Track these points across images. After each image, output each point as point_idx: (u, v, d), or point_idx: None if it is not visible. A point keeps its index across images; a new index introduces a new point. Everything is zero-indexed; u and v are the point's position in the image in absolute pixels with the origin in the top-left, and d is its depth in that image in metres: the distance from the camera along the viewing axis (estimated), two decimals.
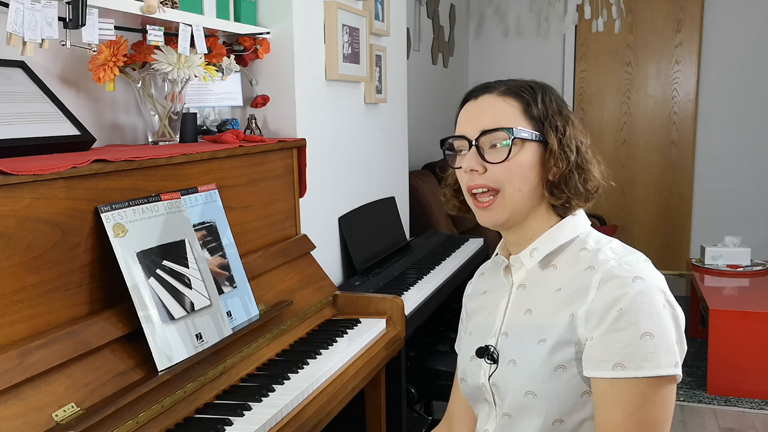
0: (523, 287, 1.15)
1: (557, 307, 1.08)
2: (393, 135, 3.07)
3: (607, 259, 1.06)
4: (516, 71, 5.72)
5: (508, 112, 1.10)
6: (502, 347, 1.13)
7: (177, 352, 1.34)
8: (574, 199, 1.11)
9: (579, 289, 1.06)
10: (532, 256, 1.14)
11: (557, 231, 1.13)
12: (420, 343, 2.73)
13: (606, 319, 1.01)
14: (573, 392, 1.05)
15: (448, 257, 2.92)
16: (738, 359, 3.22)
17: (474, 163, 1.10)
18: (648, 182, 5.40)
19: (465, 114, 1.15)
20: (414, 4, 4.22)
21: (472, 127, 1.11)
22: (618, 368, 0.99)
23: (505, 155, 1.08)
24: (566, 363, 1.05)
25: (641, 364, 0.99)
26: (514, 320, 1.14)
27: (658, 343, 0.99)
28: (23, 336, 1.16)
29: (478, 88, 1.15)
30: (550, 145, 1.09)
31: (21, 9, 1.30)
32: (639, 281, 1.02)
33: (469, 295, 1.32)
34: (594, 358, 1.02)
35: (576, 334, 1.04)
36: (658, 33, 5.23)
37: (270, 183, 1.94)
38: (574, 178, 1.10)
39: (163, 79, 1.79)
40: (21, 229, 1.16)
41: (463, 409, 1.29)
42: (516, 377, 1.09)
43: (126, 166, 1.38)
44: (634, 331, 0.99)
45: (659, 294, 1.03)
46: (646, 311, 1.00)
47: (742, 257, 3.92)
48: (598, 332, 1.01)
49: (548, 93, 1.13)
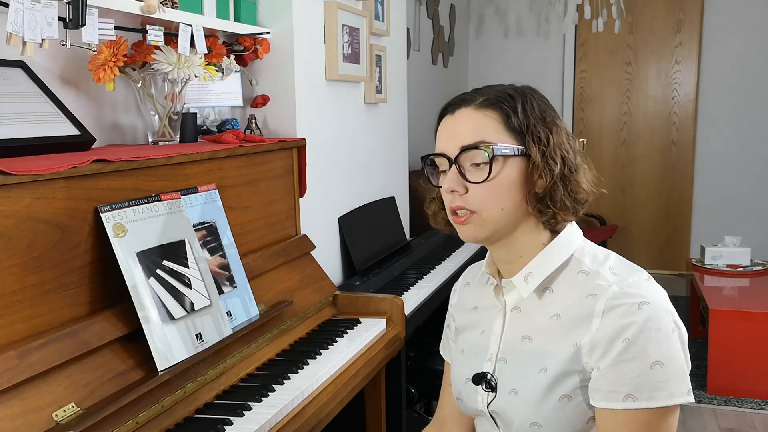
0: (518, 310, 1.10)
1: (558, 335, 1.03)
2: (393, 135, 3.07)
3: (609, 284, 1.01)
4: (516, 71, 5.71)
5: (487, 126, 1.04)
6: (501, 375, 1.10)
7: (177, 352, 1.34)
8: (560, 214, 1.05)
9: (581, 316, 1.01)
10: (528, 282, 1.08)
11: (551, 252, 1.07)
12: (420, 343, 2.73)
13: (612, 349, 0.97)
14: (579, 419, 1.02)
15: (448, 257, 2.92)
16: (738, 359, 3.22)
17: (454, 184, 1.04)
18: (648, 182, 5.40)
19: (443, 130, 1.09)
20: (414, 4, 4.22)
21: (452, 145, 1.05)
22: (629, 399, 0.96)
23: (485, 175, 1.02)
24: (571, 393, 1.02)
25: (653, 395, 0.96)
26: (511, 347, 1.10)
27: (669, 372, 0.96)
28: (23, 336, 1.16)
29: (455, 101, 1.09)
30: (532, 158, 1.03)
31: (21, 9, 1.30)
32: (645, 307, 0.97)
33: (456, 305, 1.27)
34: (602, 389, 0.98)
35: (581, 364, 1.01)
36: (658, 33, 5.23)
37: (270, 183, 1.94)
38: (559, 191, 1.03)
39: (163, 79, 1.79)
40: (21, 229, 1.16)
41: (455, 414, 1.27)
42: (519, 408, 1.06)
43: (126, 166, 1.38)
44: (643, 361, 0.96)
45: (667, 317, 0.99)
46: (655, 339, 0.96)
47: (742, 257, 3.92)
48: (605, 363, 0.98)
49: (529, 99, 1.06)
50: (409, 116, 3.36)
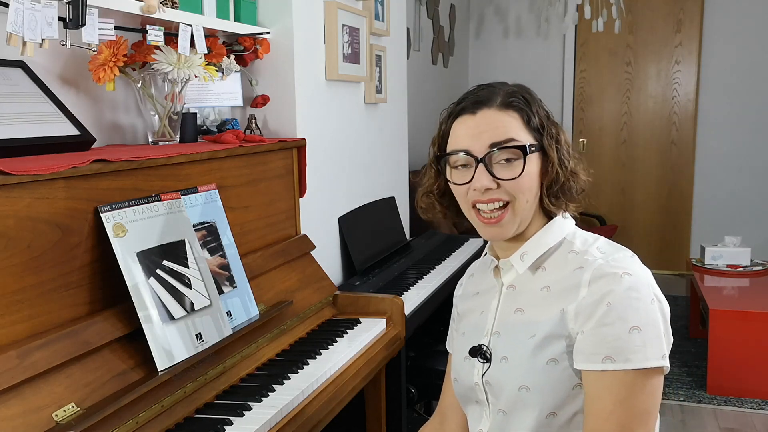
0: (513, 288, 1.18)
1: (547, 303, 1.11)
2: (393, 135, 3.07)
3: (596, 258, 1.09)
4: (516, 71, 5.71)
5: (512, 125, 1.11)
6: (495, 346, 1.16)
7: (177, 352, 1.34)
8: (570, 204, 1.16)
9: (569, 287, 1.09)
10: (523, 260, 1.16)
11: (545, 234, 1.16)
12: (420, 343, 2.73)
13: (595, 314, 1.04)
14: (565, 385, 1.08)
15: (448, 257, 2.92)
16: (738, 359, 3.22)
17: (487, 182, 1.10)
18: (648, 182, 5.40)
19: (464, 129, 1.13)
20: (414, 4, 4.22)
21: (478, 143, 1.11)
22: (607, 361, 1.02)
23: (519, 171, 1.10)
24: (558, 356, 1.08)
25: (629, 357, 1.02)
26: (505, 320, 1.16)
27: (645, 337, 1.02)
28: (23, 336, 1.16)
29: (473, 101, 1.14)
30: (549, 154, 1.13)
31: (21, 9, 1.30)
32: (627, 277, 1.05)
33: (460, 296, 1.34)
34: (584, 351, 1.05)
35: (566, 329, 1.07)
36: (658, 33, 5.24)
37: (270, 183, 1.94)
38: (569, 183, 1.14)
39: (163, 79, 1.79)
40: (21, 229, 1.16)
41: (456, 404, 1.31)
42: (509, 373, 1.12)
43: (126, 166, 1.39)
44: (622, 326, 1.02)
45: (647, 288, 1.06)
46: (634, 306, 1.03)
47: (742, 257, 3.92)
48: (588, 326, 1.04)
49: (536, 100, 1.15)
50: (409, 116, 3.35)
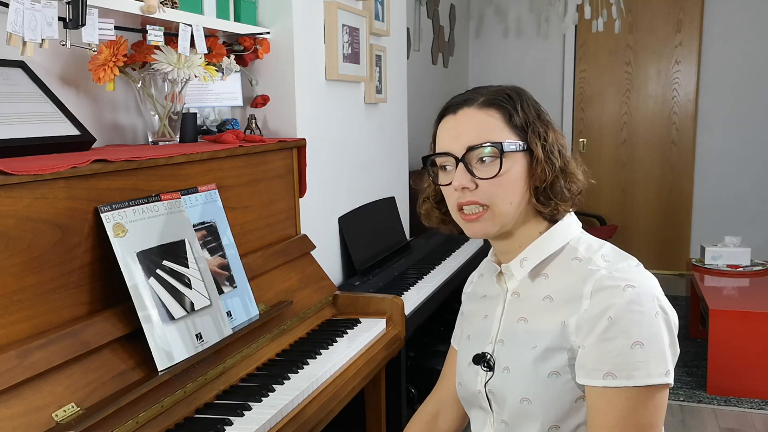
0: (517, 295, 1.15)
1: (549, 314, 1.08)
2: (393, 135, 3.07)
3: (599, 268, 1.06)
4: (516, 71, 5.70)
5: (491, 124, 1.08)
6: (498, 355, 1.14)
7: (177, 352, 1.34)
8: (561, 205, 1.10)
9: (571, 298, 1.06)
10: (522, 266, 1.14)
11: (546, 240, 1.12)
12: (420, 343, 2.74)
13: (597, 328, 1.01)
14: (567, 398, 1.06)
15: (448, 257, 2.92)
16: (738, 359, 3.22)
17: (465, 181, 1.08)
18: (648, 182, 5.40)
19: (445, 130, 1.13)
20: (414, 4, 4.22)
21: (457, 144, 1.09)
22: (609, 377, 1.00)
23: (496, 170, 1.07)
24: (560, 369, 1.05)
25: (632, 374, 0.99)
26: (509, 328, 1.14)
27: (648, 352, 0.99)
28: (23, 336, 1.16)
29: (456, 102, 1.13)
30: (535, 153, 1.08)
31: (21, 9, 1.30)
32: (630, 289, 1.01)
33: (469, 294, 1.32)
34: (586, 366, 1.03)
35: (568, 342, 1.04)
36: (658, 33, 5.23)
37: (270, 183, 1.94)
38: (560, 183, 1.09)
39: (163, 79, 1.79)
40: (21, 229, 1.16)
41: (453, 399, 1.30)
42: (511, 384, 1.10)
43: (126, 166, 1.39)
44: (624, 341, 0.99)
45: (652, 300, 1.02)
46: (637, 320, 1.00)
47: (742, 257, 3.92)
48: (590, 341, 1.02)
49: (525, 99, 1.12)
50: (409, 116, 3.35)
